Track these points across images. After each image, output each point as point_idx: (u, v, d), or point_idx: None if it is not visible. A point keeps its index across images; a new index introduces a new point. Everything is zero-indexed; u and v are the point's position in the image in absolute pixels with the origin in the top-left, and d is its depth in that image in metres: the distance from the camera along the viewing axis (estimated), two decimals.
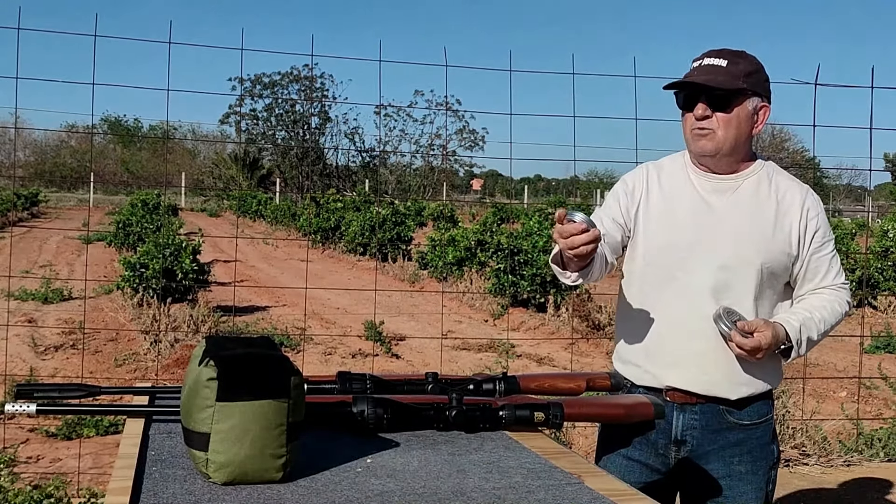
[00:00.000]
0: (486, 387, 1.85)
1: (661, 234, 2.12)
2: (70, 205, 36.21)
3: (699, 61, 2.09)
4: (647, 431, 2.11)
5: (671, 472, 2.16)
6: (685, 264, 2.08)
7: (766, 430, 2.18)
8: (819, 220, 2.14)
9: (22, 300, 10.41)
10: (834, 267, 2.15)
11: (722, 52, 2.09)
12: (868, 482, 4.77)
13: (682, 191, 2.14)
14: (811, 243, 2.12)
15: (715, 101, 2.05)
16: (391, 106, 38.98)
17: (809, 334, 2.05)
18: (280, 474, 1.35)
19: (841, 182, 52.37)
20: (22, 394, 1.67)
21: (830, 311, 2.10)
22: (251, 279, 13.73)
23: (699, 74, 2.06)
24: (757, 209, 2.10)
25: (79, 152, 48.78)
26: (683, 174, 2.16)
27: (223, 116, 44.85)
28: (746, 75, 2.07)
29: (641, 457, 2.15)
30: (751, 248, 2.07)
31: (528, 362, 8.15)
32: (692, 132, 2.09)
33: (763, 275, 2.07)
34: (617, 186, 2.23)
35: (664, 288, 2.09)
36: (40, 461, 4.89)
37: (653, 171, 2.20)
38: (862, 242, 16.25)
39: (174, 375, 6.71)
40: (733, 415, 2.12)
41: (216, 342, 1.43)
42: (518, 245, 11.02)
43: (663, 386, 2.11)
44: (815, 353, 8.50)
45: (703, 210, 2.10)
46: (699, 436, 2.12)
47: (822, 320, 2.08)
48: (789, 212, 2.11)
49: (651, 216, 2.14)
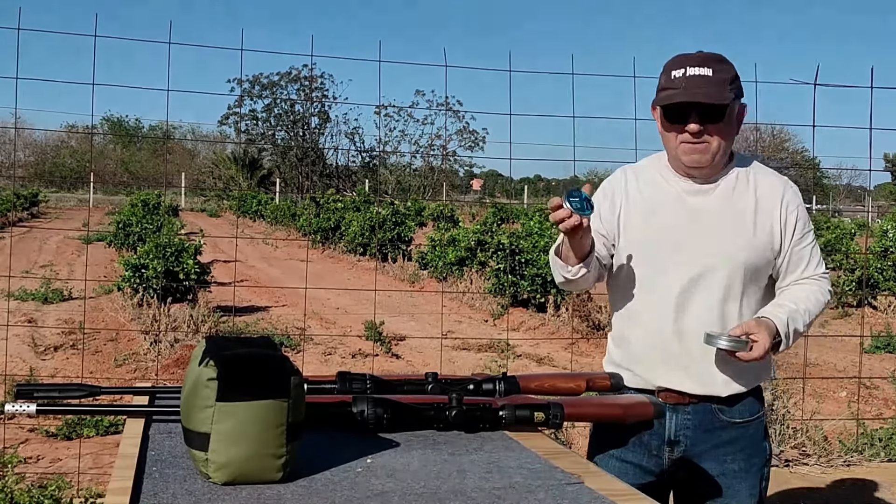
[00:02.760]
0: (485, 387, 1.85)
1: (643, 237, 2.13)
2: (70, 205, 36.22)
3: (680, 70, 2.05)
4: (640, 433, 2.11)
5: (665, 472, 2.16)
6: (668, 265, 2.09)
7: (759, 427, 2.19)
8: (799, 213, 2.15)
9: (22, 300, 10.42)
10: (815, 257, 2.16)
11: (702, 59, 2.06)
12: (868, 482, 4.77)
13: (661, 193, 2.15)
14: (793, 235, 2.13)
15: (708, 114, 2.03)
16: (391, 106, 38.99)
17: (796, 326, 2.05)
18: (280, 474, 1.35)
19: (841, 182, 52.39)
20: (22, 394, 1.67)
21: (814, 301, 2.12)
22: (251, 279, 13.73)
23: (689, 87, 2.02)
24: (737, 206, 2.12)
25: (79, 152, 48.78)
26: (663, 176, 2.16)
27: (223, 117, 44.89)
28: (731, 82, 2.07)
29: (635, 458, 2.15)
30: (733, 245, 2.08)
31: (528, 362, 8.15)
32: (682, 146, 2.07)
33: (747, 271, 2.09)
34: (597, 195, 2.23)
35: (649, 290, 2.10)
36: (40, 461, 4.89)
37: (631, 174, 2.21)
38: (862, 242, 16.26)
39: (174, 375, 6.71)
40: (726, 413, 2.13)
41: (216, 342, 1.43)
42: (518, 245, 11.02)
43: (654, 387, 2.12)
44: (814, 353, 8.50)
45: (684, 211, 2.11)
46: (692, 435, 2.13)
47: (806, 311, 2.08)
48: (768, 206, 2.12)
49: (632, 220, 2.15)
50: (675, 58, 2.10)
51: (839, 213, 37.34)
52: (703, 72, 2.03)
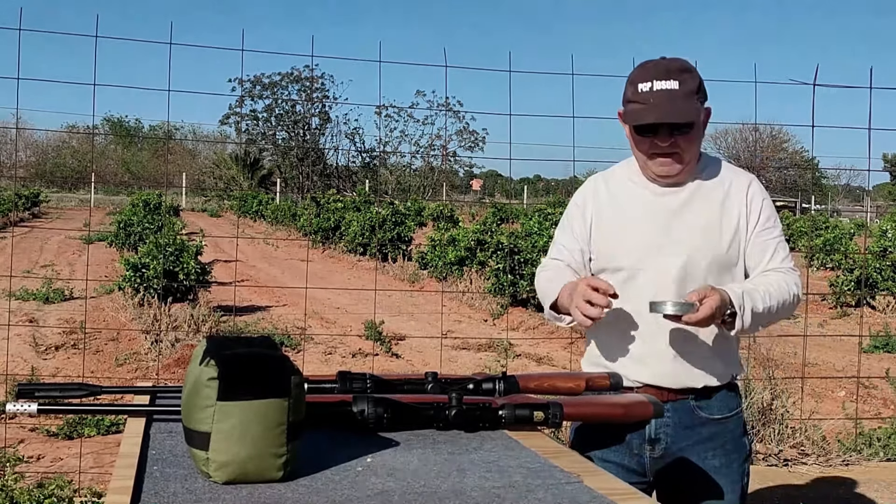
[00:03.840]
0: (485, 386, 1.85)
1: (616, 239, 2.17)
2: (71, 205, 36.22)
3: (646, 84, 2.07)
4: (620, 433, 2.14)
5: (647, 471, 2.18)
6: (642, 265, 2.13)
7: (738, 423, 2.22)
8: (763, 205, 2.17)
9: (23, 300, 10.43)
10: (781, 251, 2.17)
11: (667, 71, 2.08)
12: (867, 482, 4.78)
13: (632, 196, 2.19)
14: (756, 223, 2.15)
15: (677, 127, 2.07)
16: (392, 107, 39.02)
17: (753, 303, 2.03)
18: (280, 473, 1.36)
19: (840, 182, 52.40)
20: (23, 393, 1.68)
21: (776, 287, 2.09)
22: (252, 279, 13.73)
23: (657, 102, 2.05)
24: (705, 203, 2.15)
25: (80, 153, 48.80)
26: (633, 180, 2.21)
27: (223, 117, 44.92)
28: (696, 91, 2.09)
29: (617, 458, 2.17)
30: (703, 242, 2.12)
31: (528, 362, 8.16)
32: (652, 155, 2.11)
33: (719, 267, 2.12)
34: (570, 207, 2.28)
35: (624, 290, 2.11)
36: (41, 460, 4.90)
37: (601, 182, 2.26)
38: (860, 242, 16.26)
39: (175, 375, 6.72)
40: (704, 409, 2.16)
41: (217, 342, 1.44)
42: (518, 245, 11.03)
43: (636, 384, 2.13)
44: (813, 352, 8.50)
45: (654, 211, 2.15)
46: (672, 433, 2.15)
47: (766, 293, 2.06)
48: (734, 200, 2.16)
49: (604, 225, 2.20)
50: (640, 68, 2.13)
51: (838, 213, 37.34)
52: (669, 86, 2.06)
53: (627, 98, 2.13)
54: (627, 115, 2.13)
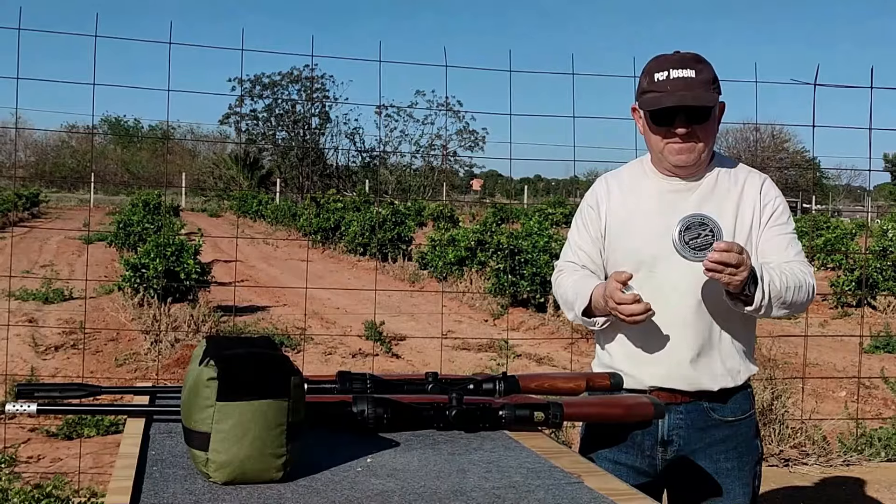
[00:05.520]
0: (486, 386, 1.85)
1: (630, 238, 2.16)
2: (71, 205, 36.22)
3: (663, 73, 2.08)
4: (633, 434, 2.13)
5: (658, 473, 2.17)
6: (656, 264, 2.11)
7: (750, 425, 2.21)
8: (776, 202, 2.17)
9: (23, 300, 10.42)
10: (794, 246, 2.15)
11: (683, 61, 2.09)
12: (868, 482, 4.77)
13: (645, 195, 2.18)
14: (770, 219, 2.15)
15: (694, 115, 2.07)
16: (392, 107, 39.03)
17: (772, 278, 2.00)
18: (280, 474, 1.35)
19: (840, 182, 52.39)
20: (23, 393, 1.68)
21: (791, 273, 2.06)
22: (251, 279, 13.73)
23: (675, 90, 2.06)
24: (719, 201, 2.14)
25: (79, 153, 48.79)
26: (644, 179, 2.20)
27: (223, 117, 44.98)
28: (712, 82, 2.10)
29: (628, 460, 2.16)
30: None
31: (528, 362, 8.15)
32: (669, 147, 2.11)
33: None
34: (583, 209, 2.27)
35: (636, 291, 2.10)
36: (41, 461, 4.89)
37: (612, 181, 2.26)
38: (861, 242, 16.26)
39: (175, 375, 6.72)
40: (717, 412, 2.15)
41: (216, 342, 1.44)
42: (518, 245, 11.02)
43: (646, 387, 2.12)
44: (814, 352, 8.50)
45: (668, 210, 2.12)
46: (685, 435, 2.14)
47: (782, 273, 2.03)
48: (748, 196, 2.15)
49: (618, 224, 2.19)
50: (656, 60, 2.13)
51: (839, 213, 37.34)
52: (686, 73, 2.06)
53: (643, 88, 2.12)
54: (643, 103, 2.11)
